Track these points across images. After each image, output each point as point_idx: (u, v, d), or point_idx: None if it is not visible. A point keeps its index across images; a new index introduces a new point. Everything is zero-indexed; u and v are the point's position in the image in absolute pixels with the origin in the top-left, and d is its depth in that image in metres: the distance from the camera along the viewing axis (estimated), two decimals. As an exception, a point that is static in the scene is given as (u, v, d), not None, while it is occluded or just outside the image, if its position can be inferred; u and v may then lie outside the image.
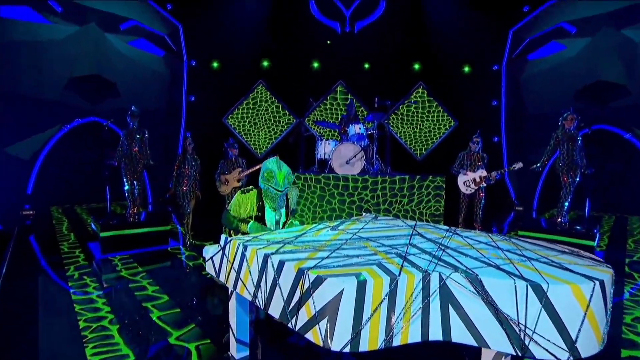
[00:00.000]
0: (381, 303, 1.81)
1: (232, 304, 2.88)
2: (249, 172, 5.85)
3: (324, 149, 6.63)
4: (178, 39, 9.85)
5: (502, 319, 1.71)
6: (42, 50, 7.82)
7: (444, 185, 5.93)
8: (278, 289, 2.13)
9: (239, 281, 2.51)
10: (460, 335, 1.80)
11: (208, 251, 2.87)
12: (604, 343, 1.71)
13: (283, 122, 10.67)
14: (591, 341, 1.66)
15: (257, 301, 2.33)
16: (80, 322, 3.25)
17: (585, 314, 1.63)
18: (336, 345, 1.73)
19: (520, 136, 9.58)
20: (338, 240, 2.61)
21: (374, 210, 5.94)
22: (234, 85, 10.13)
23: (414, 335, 1.83)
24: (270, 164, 3.13)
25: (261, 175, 3.11)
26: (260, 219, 3.15)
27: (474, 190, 5.82)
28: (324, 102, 10.42)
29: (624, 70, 7.95)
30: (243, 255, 2.46)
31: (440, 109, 10.48)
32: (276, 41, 10.07)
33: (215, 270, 2.82)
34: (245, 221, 3.15)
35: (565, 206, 5.25)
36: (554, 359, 1.63)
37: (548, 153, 5.50)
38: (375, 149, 6.51)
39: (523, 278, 1.74)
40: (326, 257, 2.17)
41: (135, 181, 5.98)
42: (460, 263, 2.07)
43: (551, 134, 5.52)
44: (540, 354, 1.65)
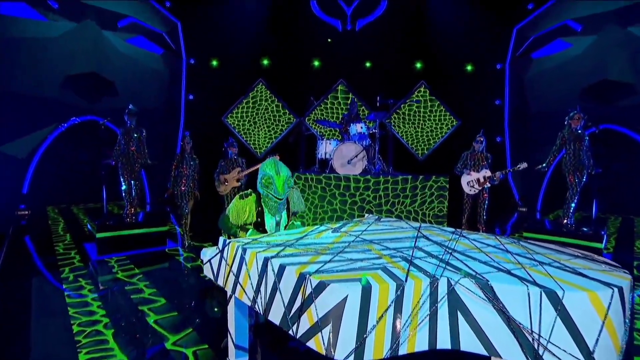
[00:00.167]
0: (387, 310, 1.75)
1: (231, 308, 2.82)
2: (248, 172, 5.82)
3: (325, 148, 6.57)
4: (177, 37, 9.78)
5: (514, 327, 1.65)
6: (39, 47, 7.75)
7: (448, 186, 5.85)
8: (278, 294, 2.06)
9: (238, 285, 2.43)
10: (470, 343, 1.74)
11: (206, 254, 2.81)
12: (622, 353, 1.64)
13: (283, 122, 10.62)
14: (609, 351, 1.59)
15: (257, 306, 2.26)
16: (74, 326, 3.19)
17: (603, 322, 1.56)
18: (340, 354, 1.66)
19: (524, 136, 9.50)
20: (341, 243, 2.54)
21: (375, 211, 5.87)
22: (233, 83, 10.09)
23: (421, 343, 1.77)
24: (267, 167, 2.94)
25: (259, 180, 2.95)
26: (259, 225, 3.05)
27: (477, 191, 5.77)
28: (324, 101, 10.36)
29: (630, 68, 7.87)
30: (242, 259, 2.39)
31: (442, 108, 10.42)
32: (276, 39, 10.02)
33: (213, 274, 2.75)
34: (244, 229, 3.05)
35: (572, 207, 5.18)
36: (569, 369, 1.56)
37: (554, 153, 5.43)
38: (377, 149, 6.43)
39: (536, 284, 1.67)
40: (329, 261, 2.10)
41: (132, 181, 5.94)
42: (469, 267, 2.00)
43: (556, 134, 5.45)
44: (555, 365, 1.58)
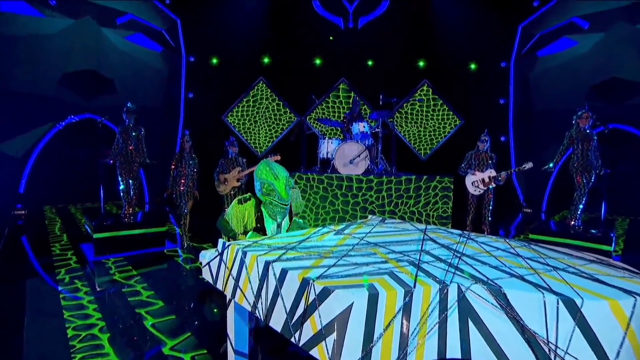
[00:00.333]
0: (394, 318, 1.68)
1: (230, 312, 2.75)
2: (249, 172, 5.76)
3: (327, 148, 6.50)
4: (176, 34, 9.72)
5: (529, 336, 1.57)
6: (36, 44, 7.68)
7: (452, 186, 5.78)
8: (280, 299, 1.99)
9: (238, 290, 2.37)
10: (481, 353, 1.67)
11: (205, 256, 2.75)
12: (644, 365, 1.57)
13: (284, 121, 10.55)
14: (630, 363, 1.51)
15: (257, 312, 2.19)
16: (68, 330, 3.12)
17: (626, 333, 1.48)
18: (345, 365, 1.58)
19: (529, 135, 9.41)
20: (344, 246, 2.47)
21: (378, 212, 5.80)
22: (233, 82, 10.02)
23: (430, 352, 1.70)
24: (263, 173, 2.76)
25: (258, 189, 2.81)
26: (259, 230, 2.97)
27: (482, 191, 5.70)
28: (326, 100, 10.29)
29: (639, 66, 7.77)
30: (242, 262, 2.32)
31: (445, 107, 10.35)
32: (277, 37, 9.94)
33: (212, 277, 2.69)
34: (244, 233, 2.97)
35: (580, 209, 5.10)
36: (588, 382, 1.48)
37: (561, 153, 5.35)
38: (380, 148, 6.36)
39: (552, 291, 1.60)
40: (333, 265, 2.03)
41: (130, 180, 5.88)
42: (479, 273, 1.92)
43: (562, 133, 5.37)
44: (572, 377, 1.51)
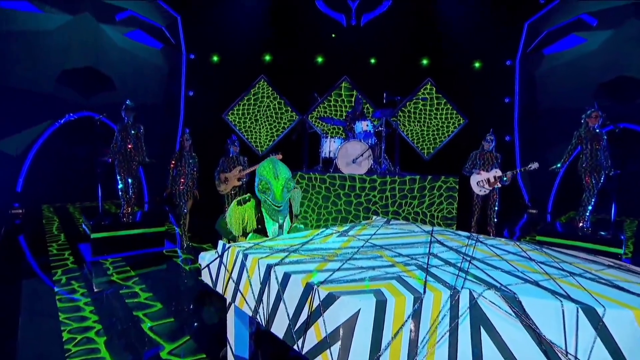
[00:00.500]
0: (403, 325, 1.60)
1: (230, 316, 2.68)
2: (250, 171, 5.70)
3: (329, 147, 6.43)
4: (176, 31, 9.65)
5: (546, 346, 1.50)
6: (33, 40, 7.61)
7: (457, 187, 5.70)
8: (282, 305, 1.92)
9: (238, 293, 2.29)
10: (494, 362, 1.59)
11: (204, 258, 2.68)
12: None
13: (285, 119, 10.49)
14: (655, 376, 1.44)
15: (258, 317, 2.12)
16: (64, 334, 3.05)
17: (651, 344, 1.41)
18: (351, 375, 1.51)
19: (535, 135, 9.32)
20: (349, 248, 2.40)
21: (382, 212, 5.73)
22: (234, 80, 9.95)
23: (440, 362, 1.62)
24: (264, 171, 2.69)
25: (256, 185, 2.74)
26: (260, 231, 2.89)
27: (487, 192, 5.64)
28: (327, 98, 10.22)
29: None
30: (243, 265, 2.25)
31: (449, 106, 10.27)
32: (279, 34, 9.86)
33: (211, 280, 2.62)
34: (244, 235, 2.89)
35: (588, 210, 5.01)
36: (609, 396, 1.41)
37: (569, 152, 5.26)
38: (383, 148, 6.29)
39: (571, 299, 1.52)
40: (337, 269, 1.95)
41: (129, 179, 5.82)
42: (491, 278, 1.85)
43: (568, 133, 5.29)
44: (593, 390, 1.43)
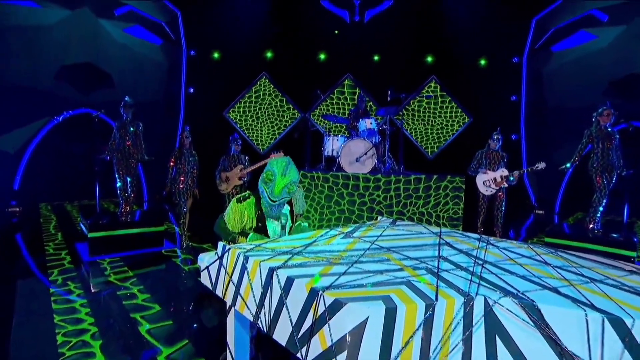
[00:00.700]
0: (414, 334, 1.52)
1: (230, 320, 2.60)
2: (251, 170, 5.63)
3: (332, 145, 6.34)
4: (177, 27, 9.57)
5: (568, 359, 1.41)
6: (31, 36, 7.55)
7: (464, 187, 5.62)
8: (285, 310, 1.84)
9: (239, 297, 2.21)
10: (511, 374, 1.51)
11: (204, 259, 2.60)
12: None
13: (287, 117, 10.42)
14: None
15: (260, 322, 2.04)
16: (58, 337, 2.99)
17: (684, 358, 1.32)
18: (358, 387, 1.43)
19: (542, 134, 9.21)
20: (355, 251, 2.31)
21: (386, 212, 5.64)
22: (235, 77, 9.89)
23: (453, 373, 1.54)
24: (276, 165, 2.65)
25: (262, 175, 2.69)
26: (260, 230, 2.80)
27: (494, 191, 5.57)
28: (330, 96, 10.14)
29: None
30: (244, 268, 2.16)
31: (453, 104, 10.19)
32: (281, 31, 9.80)
33: (211, 282, 2.53)
34: (243, 234, 2.80)
35: (599, 211, 4.92)
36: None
37: (579, 152, 5.17)
38: (387, 146, 6.19)
39: (595, 308, 1.44)
40: (343, 273, 1.87)
41: (128, 177, 5.74)
42: (507, 283, 1.76)
43: (577, 132, 5.20)
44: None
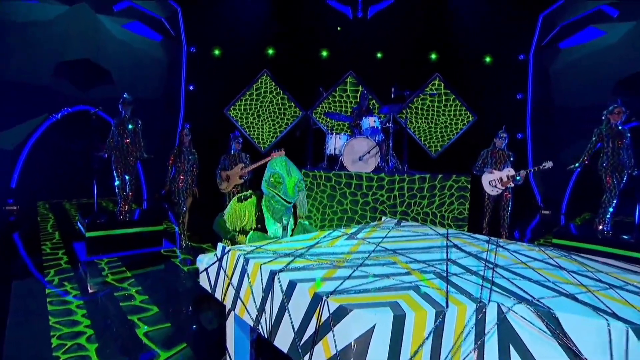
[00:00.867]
0: (423, 343, 1.45)
1: (230, 324, 2.53)
2: (252, 168, 5.57)
3: (335, 143, 6.27)
4: (177, 23, 9.51)
5: (588, 370, 1.33)
6: (28, 31, 7.49)
7: (469, 186, 5.54)
8: (287, 316, 1.77)
9: (239, 301, 2.14)
10: (526, 386, 1.44)
11: (202, 261, 2.53)
12: None
13: (289, 115, 10.36)
14: None
15: (260, 328, 1.97)
16: (53, 339, 2.92)
17: None
18: (364, 398, 1.37)
19: (548, 133, 9.11)
20: (359, 253, 2.24)
21: (389, 212, 5.57)
22: (236, 74, 9.84)
23: (464, 384, 1.48)
24: (278, 166, 2.67)
25: (266, 178, 2.66)
26: (260, 230, 2.74)
27: (500, 191, 5.49)
28: (332, 94, 10.07)
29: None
30: (244, 270, 2.10)
31: (458, 102, 10.12)
32: (282, 27, 9.74)
33: (210, 285, 2.47)
34: (243, 232, 2.74)
35: (609, 212, 4.83)
36: None
37: (588, 151, 5.08)
38: (391, 145, 6.12)
39: (618, 317, 1.36)
40: (348, 277, 1.80)
41: (127, 176, 5.69)
42: (520, 289, 1.69)
43: (583, 131, 5.11)
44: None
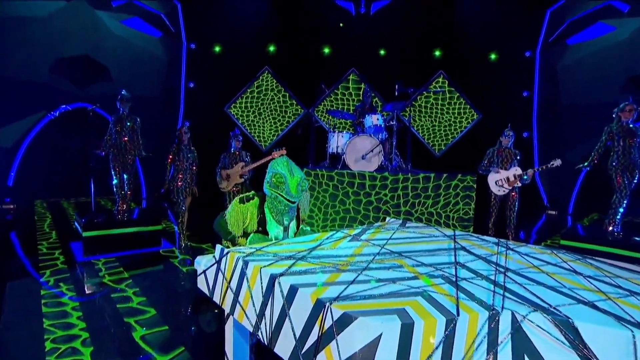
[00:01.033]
0: (433, 353, 1.38)
1: (229, 328, 2.47)
2: (253, 167, 5.50)
3: (337, 142, 6.20)
4: (176, 19, 9.44)
5: (610, 384, 1.26)
6: (25, 27, 7.42)
7: (475, 186, 5.46)
8: (288, 322, 1.70)
9: (238, 305, 2.08)
10: (542, 399, 1.37)
11: (200, 263, 2.47)
12: None
13: (290, 113, 10.29)
14: None
15: (260, 334, 1.90)
16: (47, 343, 2.86)
17: None
18: (370, 412, 1.30)
19: (555, 132, 9.01)
20: (363, 256, 2.17)
21: (393, 212, 5.49)
22: (237, 71, 9.79)
23: (476, 397, 1.41)
24: (279, 166, 2.65)
25: (267, 179, 2.63)
26: (261, 233, 2.68)
27: (507, 191, 5.40)
28: (334, 92, 9.99)
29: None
30: (243, 274, 2.03)
31: (462, 100, 10.04)
32: (284, 24, 9.68)
33: (208, 288, 2.41)
34: (244, 235, 2.68)
35: (620, 212, 4.75)
36: None
37: (598, 150, 4.98)
38: (394, 143, 6.04)
39: (642, 326, 1.28)
40: (352, 282, 1.73)
41: (125, 174, 5.63)
42: (535, 295, 1.61)
43: (591, 129, 5.02)
44: None
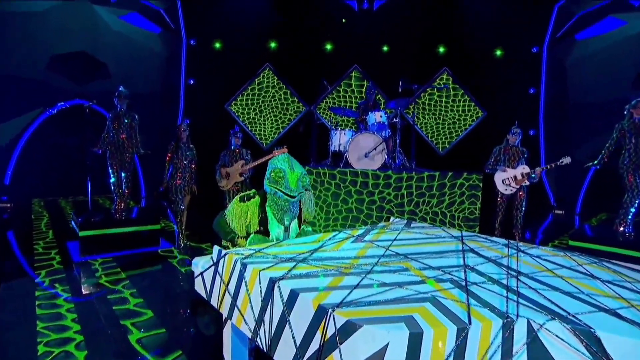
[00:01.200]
0: (443, 364, 1.30)
1: (227, 332, 2.40)
2: (253, 165, 5.42)
3: (339, 139, 6.11)
4: (176, 15, 9.37)
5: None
6: (22, 23, 7.37)
7: (481, 185, 5.37)
8: (288, 328, 1.62)
9: (236, 310, 2.00)
10: (560, 414, 1.29)
11: (198, 264, 2.40)
12: None
13: (291, 110, 10.22)
14: None
15: (259, 340, 1.83)
16: (40, 346, 2.79)
17: None
18: None
19: (562, 129, 8.89)
20: (367, 258, 2.09)
21: (397, 212, 5.41)
22: (238, 68, 9.69)
23: (489, 410, 1.33)
24: (279, 162, 2.64)
25: (267, 176, 2.59)
26: (262, 233, 2.61)
27: (514, 190, 5.32)
28: (337, 88, 9.90)
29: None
30: (241, 277, 1.95)
31: (467, 97, 9.92)
32: (285, 20, 9.57)
33: (205, 291, 2.34)
34: (244, 237, 2.62)
35: (631, 212, 4.65)
36: None
37: (609, 148, 4.89)
38: (398, 141, 5.95)
39: (670, 337, 1.20)
40: (356, 286, 1.65)
41: (122, 172, 5.57)
42: (551, 302, 1.53)
43: (600, 127, 4.92)
44: None
